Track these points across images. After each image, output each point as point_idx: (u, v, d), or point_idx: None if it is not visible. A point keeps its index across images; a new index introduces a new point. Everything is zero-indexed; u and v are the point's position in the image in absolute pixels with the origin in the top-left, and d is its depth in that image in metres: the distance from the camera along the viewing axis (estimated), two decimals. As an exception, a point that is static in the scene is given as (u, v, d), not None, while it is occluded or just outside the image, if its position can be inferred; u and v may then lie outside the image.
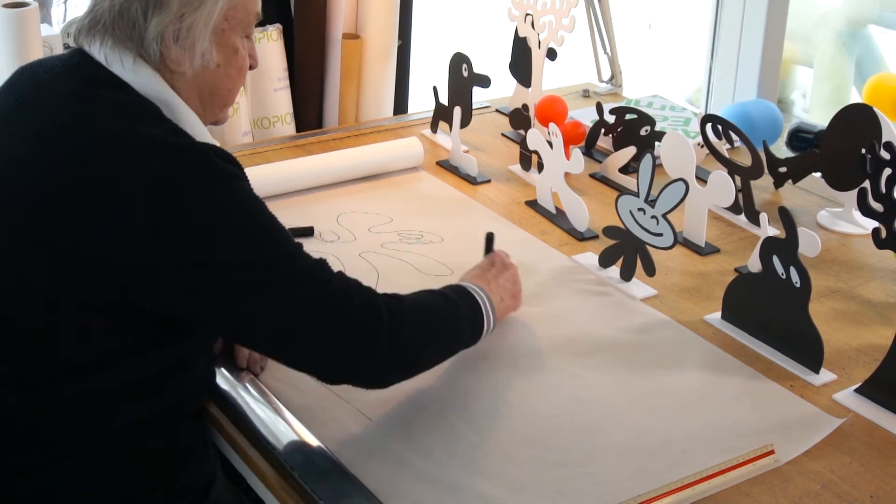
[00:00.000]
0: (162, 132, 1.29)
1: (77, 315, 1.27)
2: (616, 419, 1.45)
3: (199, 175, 1.26)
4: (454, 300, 1.47)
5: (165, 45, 1.34)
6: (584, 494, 1.31)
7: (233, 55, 1.41)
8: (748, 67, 2.80)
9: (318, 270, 1.33)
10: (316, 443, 1.38)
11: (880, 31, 4.21)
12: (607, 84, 2.72)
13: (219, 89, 1.42)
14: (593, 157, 2.26)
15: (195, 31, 1.35)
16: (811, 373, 1.55)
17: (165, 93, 1.35)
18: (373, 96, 2.49)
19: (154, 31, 1.33)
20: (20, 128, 1.32)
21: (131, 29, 1.33)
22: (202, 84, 1.40)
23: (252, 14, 1.43)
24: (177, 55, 1.35)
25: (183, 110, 1.37)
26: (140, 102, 1.33)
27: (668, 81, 4.47)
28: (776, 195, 2.14)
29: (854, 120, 1.94)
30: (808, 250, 1.50)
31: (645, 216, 1.68)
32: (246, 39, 1.44)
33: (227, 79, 1.42)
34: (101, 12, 1.34)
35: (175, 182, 1.25)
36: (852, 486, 1.34)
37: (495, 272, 1.61)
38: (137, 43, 1.33)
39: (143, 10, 1.32)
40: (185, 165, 1.26)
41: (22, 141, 1.30)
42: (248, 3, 1.41)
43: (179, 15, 1.33)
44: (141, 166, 1.25)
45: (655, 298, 1.75)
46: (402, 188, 2.12)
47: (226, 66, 1.40)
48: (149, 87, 1.34)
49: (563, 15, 2.18)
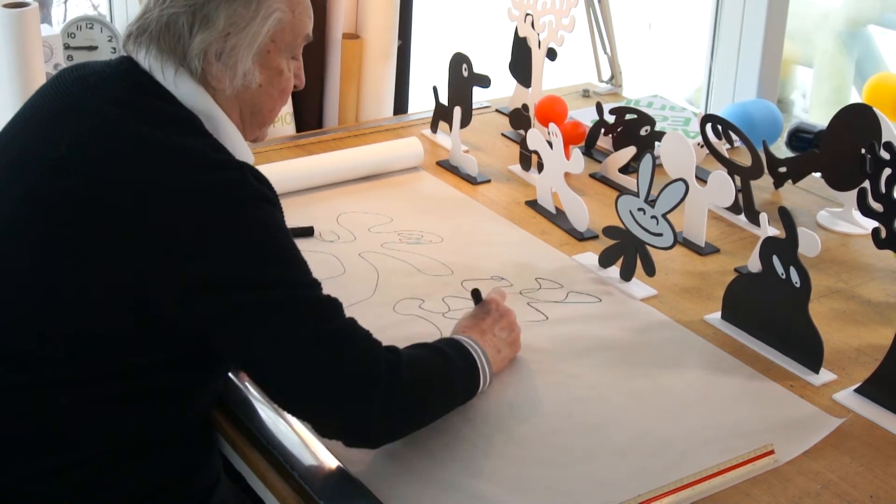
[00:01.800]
0: (203, 146, 1.29)
1: (105, 323, 1.26)
2: (616, 419, 1.45)
3: (231, 192, 1.26)
4: (450, 357, 1.40)
5: (208, 61, 1.34)
6: (584, 494, 1.31)
7: (276, 76, 1.40)
8: (748, 67, 2.79)
9: (333, 308, 1.31)
10: (316, 443, 1.38)
11: (880, 31, 4.21)
12: (607, 84, 2.72)
13: (259, 108, 1.41)
14: (593, 157, 2.26)
15: (238, 52, 1.34)
16: (811, 373, 1.55)
17: (209, 106, 1.35)
18: (373, 96, 2.49)
19: (198, 47, 1.33)
20: (66, 128, 1.31)
21: (175, 42, 1.33)
22: (242, 102, 1.40)
23: (300, 37, 1.42)
24: (218, 72, 1.35)
25: (225, 125, 1.37)
26: (184, 115, 1.33)
27: (668, 81, 4.47)
28: (776, 195, 2.14)
29: (854, 120, 1.94)
30: (808, 250, 1.51)
31: (645, 216, 1.68)
32: (292, 60, 1.43)
33: (269, 99, 1.41)
34: (149, 20, 1.34)
35: (208, 197, 1.25)
36: (852, 486, 1.34)
37: (490, 322, 1.52)
38: (180, 56, 1.33)
39: (189, 24, 1.32)
40: (220, 182, 1.26)
41: (66, 141, 1.29)
42: (297, 26, 1.40)
43: (225, 34, 1.33)
44: (176, 177, 1.25)
45: (655, 298, 1.75)
46: (402, 188, 2.12)
47: (268, 86, 1.40)
48: (192, 99, 1.34)
49: (563, 15, 2.18)
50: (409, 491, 1.30)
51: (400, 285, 1.75)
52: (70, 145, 1.29)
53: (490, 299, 1.57)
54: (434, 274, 1.79)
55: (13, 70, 2.05)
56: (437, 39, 3.70)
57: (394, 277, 1.78)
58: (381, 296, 1.72)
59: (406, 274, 1.79)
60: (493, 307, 1.55)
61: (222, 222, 1.25)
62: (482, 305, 1.56)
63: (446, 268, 1.81)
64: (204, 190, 1.25)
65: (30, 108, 1.40)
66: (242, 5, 1.33)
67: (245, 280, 1.25)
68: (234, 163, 1.30)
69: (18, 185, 1.31)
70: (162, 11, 1.33)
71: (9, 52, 2.04)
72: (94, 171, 1.27)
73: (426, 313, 1.68)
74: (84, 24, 2.55)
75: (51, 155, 1.29)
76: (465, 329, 1.50)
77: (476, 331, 1.50)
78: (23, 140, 1.35)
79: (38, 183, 1.29)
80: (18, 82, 2.06)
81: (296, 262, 1.31)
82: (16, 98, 2.07)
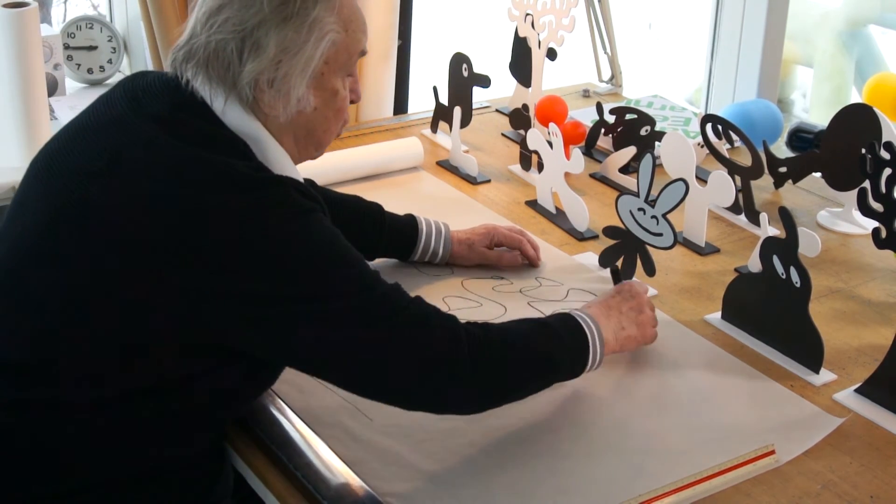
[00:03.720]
0: (243, 166, 1.26)
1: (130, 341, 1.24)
2: (616, 419, 1.45)
3: (274, 208, 1.24)
4: (555, 330, 1.40)
5: (260, 89, 1.30)
6: (584, 494, 1.31)
7: (331, 98, 1.36)
8: (748, 67, 2.79)
9: (395, 298, 1.30)
10: (318, 442, 1.38)
11: (880, 31, 4.21)
12: (607, 84, 2.72)
13: (314, 131, 1.38)
14: (593, 157, 2.26)
15: (291, 78, 1.30)
16: (811, 373, 1.55)
17: (256, 130, 1.32)
18: (373, 96, 2.49)
19: (248, 76, 1.28)
20: (107, 140, 1.29)
21: (225, 70, 1.29)
22: (297, 127, 1.36)
23: (355, 54, 1.36)
24: (271, 100, 1.31)
25: (273, 148, 1.33)
26: (227, 136, 1.30)
27: (668, 81, 4.47)
28: (776, 195, 2.14)
29: (854, 120, 1.94)
30: (808, 250, 1.51)
31: (645, 216, 1.68)
32: (348, 78, 1.38)
33: (324, 121, 1.37)
34: (196, 46, 1.29)
35: (249, 215, 1.22)
36: (852, 486, 1.34)
37: (618, 300, 1.53)
38: (230, 85, 1.29)
39: (238, 51, 1.28)
40: (262, 198, 1.24)
41: (100, 156, 1.27)
42: (351, 44, 1.35)
43: (276, 61, 1.28)
44: (214, 193, 1.22)
45: (655, 298, 1.75)
46: (402, 188, 2.12)
47: (323, 108, 1.36)
48: (238, 123, 1.31)
49: (563, 15, 2.18)
50: (410, 491, 1.30)
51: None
52: (109, 158, 1.27)
53: (626, 281, 1.59)
54: (434, 273, 1.79)
55: (13, 70, 2.05)
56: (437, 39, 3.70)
57: (394, 277, 1.77)
58: (381, 296, 1.72)
59: (406, 273, 1.79)
60: (627, 287, 1.56)
61: (266, 239, 1.22)
62: (616, 287, 1.58)
63: (446, 268, 1.81)
64: (245, 208, 1.22)
65: (85, 116, 1.37)
66: (294, 30, 1.28)
67: (304, 295, 1.24)
68: (274, 178, 1.28)
69: (55, 194, 1.28)
70: (210, 37, 1.28)
71: (9, 52, 2.04)
72: (129, 184, 1.24)
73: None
74: (84, 24, 2.56)
75: (89, 167, 1.27)
76: (591, 305, 1.51)
77: (601, 307, 1.50)
78: (69, 148, 1.33)
79: (74, 193, 1.26)
80: (18, 82, 2.07)
81: (352, 267, 1.29)
82: (16, 98, 2.07)
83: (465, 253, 1.79)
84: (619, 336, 1.49)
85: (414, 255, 1.78)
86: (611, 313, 1.50)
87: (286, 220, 1.25)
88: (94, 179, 1.26)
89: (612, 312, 1.50)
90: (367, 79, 2.47)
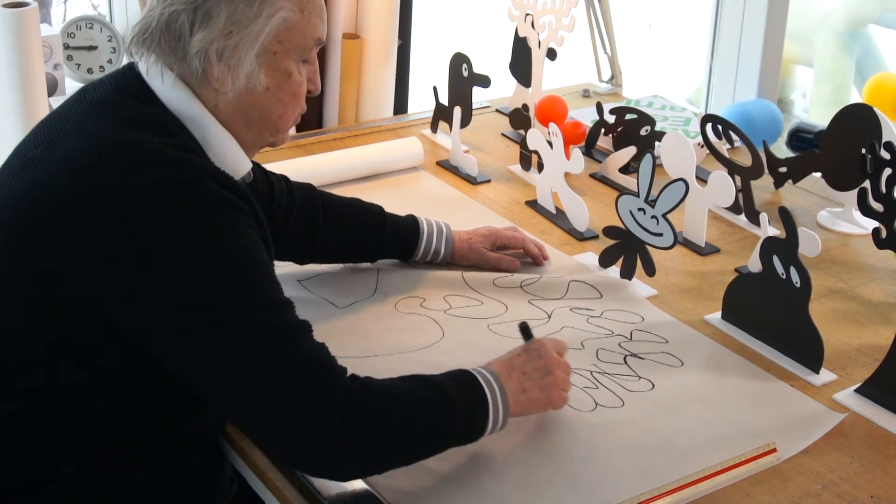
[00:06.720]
0: (160, 143, 1.24)
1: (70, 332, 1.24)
2: (616, 418, 1.45)
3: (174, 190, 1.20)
4: (446, 390, 1.29)
5: (208, 61, 1.29)
6: (584, 494, 1.31)
7: (285, 79, 1.34)
8: (748, 67, 2.80)
9: (292, 332, 1.23)
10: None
11: (880, 31, 4.21)
12: (607, 84, 2.72)
13: (268, 113, 1.35)
14: (593, 157, 2.26)
15: (241, 51, 1.29)
16: (811, 373, 1.55)
17: (198, 112, 1.31)
18: (373, 96, 2.49)
19: (198, 45, 1.28)
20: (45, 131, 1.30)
21: (176, 41, 1.28)
22: (248, 107, 1.33)
23: (311, 39, 1.34)
24: (219, 73, 1.30)
25: (214, 131, 1.32)
26: (160, 115, 1.29)
27: (668, 81, 4.47)
28: (776, 195, 2.14)
29: (854, 120, 1.94)
30: (808, 250, 1.51)
31: (645, 216, 1.68)
32: (304, 64, 1.36)
33: (278, 103, 1.35)
34: (151, 18, 1.30)
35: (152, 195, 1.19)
36: (852, 486, 1.34)
37: (523, 359, 1.39)
38: (181, 58, 1.29)
39: (189, 22, 1.28)
40: (164, 177, 1.21)
41: (38, 144, 1.29)
42: (306, 28, 1.33)
43: (226, 32, 1.28)
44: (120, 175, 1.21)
45: (655, 298, 1.75)
46: (402, 188, 2.12)
47: (276, 90, 1.33)
48: (179, 103, 1.30)
49: (563, 15, 2.18)
50: (413, 489, 1.30)
51: (400, 284, 1.75)
52: (45, 145, 1.27)
53: (538, 339, 1.44)
54: (434, 273, 1.79)
55: (13, 70, 2.05)
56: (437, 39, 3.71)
57: (394, 276, 1.78)
58: (381, 294, 1.72)
59: (406, 273, 1.79)
60: (536, 346, 1.41)
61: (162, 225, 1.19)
62: (525, 344, 1.43)
63: (446, 267, 1.81)
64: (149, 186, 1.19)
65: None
66: (245, 3, 1.28)
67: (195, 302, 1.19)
68: (193, 162, 1.24)
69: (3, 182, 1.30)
70: (164, 10, 1.29)
71: (9, 52, 2.04)
72: (51, 172, 1.24)
73: (428, 311, 1.68)
74: (84, 24, 2.55)
75: (28, 154, 1.29)
76: (493, 363, 1.38)
77: (503, 365, 1.38)
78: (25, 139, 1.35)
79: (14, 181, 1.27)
80: (18, 82, 2.06)
81: (257, 278, 1.23)
82: (16, 98, 2.07)
83: (465, 252, 1.79)
84: (518, 399, 1.35)
85: (416, 256, 1.78)
86: (512, 374, 1.36)
87: (184, 207, 1.20)
88: (29, 166, 1.27)
89: (514, 373, 1.37)
90: (367, 79, 2.47)
